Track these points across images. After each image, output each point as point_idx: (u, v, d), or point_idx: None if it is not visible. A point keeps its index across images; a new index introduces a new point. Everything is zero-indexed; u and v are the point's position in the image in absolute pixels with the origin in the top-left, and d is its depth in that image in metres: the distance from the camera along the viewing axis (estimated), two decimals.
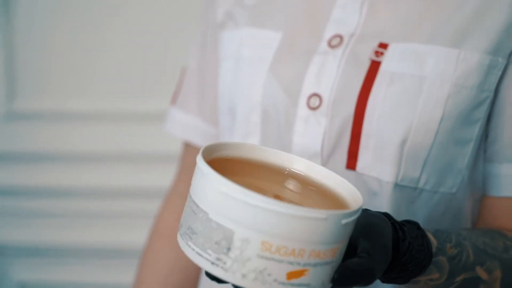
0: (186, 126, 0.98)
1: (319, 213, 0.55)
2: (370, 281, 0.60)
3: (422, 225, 0.80)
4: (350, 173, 0.79)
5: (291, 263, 0.56)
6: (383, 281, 0.70)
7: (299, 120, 0.81)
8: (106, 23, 1.55)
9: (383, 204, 0.79)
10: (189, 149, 1.01)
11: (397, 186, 0.78)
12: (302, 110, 0.81)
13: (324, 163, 0.80)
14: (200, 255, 0.58)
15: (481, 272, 0.76)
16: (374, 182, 0.79)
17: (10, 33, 1.63)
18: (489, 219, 0.84)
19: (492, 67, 0.77)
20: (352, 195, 0.63)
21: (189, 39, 1.13)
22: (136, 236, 1.67)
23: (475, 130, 0.79)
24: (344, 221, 0.57)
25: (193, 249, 0.58)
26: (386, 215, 0.69)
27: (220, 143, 0.64)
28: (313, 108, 0.80)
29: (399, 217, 0.79)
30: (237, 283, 0.57)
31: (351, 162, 0.79)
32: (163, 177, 1.35)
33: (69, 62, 1.59)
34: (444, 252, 0.72)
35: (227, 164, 0.63)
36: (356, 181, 0.79)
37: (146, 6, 1.53)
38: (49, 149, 1.65)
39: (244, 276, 0.56)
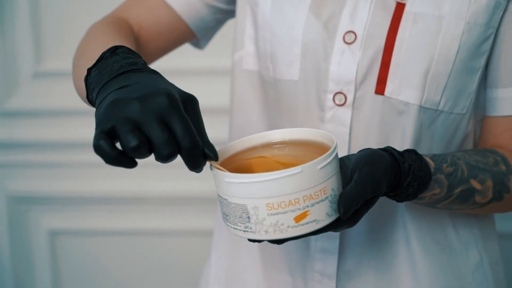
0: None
1: (296, 169, 0.71)
2: (359, 203, 0.75)
3: (439, 142, 0.97)
4: (378, 97, 0.94)
5: (293, 210, 0.72)
6: (398, 201, 0.86)
7: (336, 52, 0.95)
8: None
9: (408, 122, 0.94)
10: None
11: (421, 108, 0.94)
12: (339, 44, 0.95)
13: (357, 89, 0.95)
14: (235, 228, 0.75)
15: (475, 184, 0.92)
16: (401, 105, 0.94)
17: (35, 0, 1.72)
18: (488, 137, 1.00)
19: (496, 8, 0.93)
20: (329, 140, 0.78)
21: None
22: (159, 184, 1.77)
23: (483, 60, 0.95)
24: (319, 167, 0.72)
25: (231, 226, 0.76)
26: (386, 148, 0.85)
27: (220, 150, 0.80)
28: (349, 43, 0.95)
29: (421, 135, 0.95)
30: (265, 238, 0.74)
31: (380, 87, 0.94)
32: None
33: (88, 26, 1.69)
34: (442, 171, 0.89)
35: (230, 160, 0.80)
36: (383, 104, 0.94)
37: None
38: (74, 105, 1.73)
39: (266, 231, 0.73)
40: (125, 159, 0.66)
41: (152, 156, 0.68)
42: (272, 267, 1.06)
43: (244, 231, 0.74)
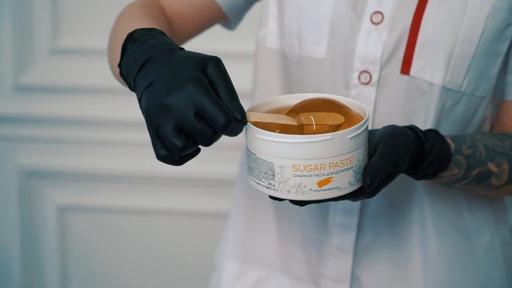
0: None
1: (326, 136, 0.73)
2: (382, 176, 0.78)
3: (459, 124, 1.00)
4: (403, 77, 0.97)
5: (317, 175, 0.75)
6: (416, 179, 0.89)
7: (363, 32, 0.98)
8: None
9: (431, 102, 0.97)
10: None
11: (444, 88, 0.96)
12: (366, 24, 0.98)
13: (382, 68, 0.97)
14: (258, 183, 0.78)
15: (492, 166, 0.95)
16: (425, 84, 0.96)
17: None
18: (505, 121, 1.03)
19: None
20: (362, 111, 0.81)
21: None
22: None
23: (505, 45, 0.97)
24: (349, 136, 0.75)
25: (254, 181, 0.78)
26: (411, 126, 0.87)
27: (253, 106, 0.82)
28: (376, 23, 0.97)
29: (442, 116, 0.98)
30: (286, 197, 0.76)
31: (405, 67, 0.97)
32: None
33: (107, 5, 1.65)
34: (461, 152, 0.92)
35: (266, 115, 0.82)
36: (408, 83, 0.97)
37: None
38: (88, 83, 1.75)
39: (288, 191, 0.75)
40: (187, 156, 0.73)
41: None
42: (288, 241, 1.08)
43: (267, 187, 0.76)
